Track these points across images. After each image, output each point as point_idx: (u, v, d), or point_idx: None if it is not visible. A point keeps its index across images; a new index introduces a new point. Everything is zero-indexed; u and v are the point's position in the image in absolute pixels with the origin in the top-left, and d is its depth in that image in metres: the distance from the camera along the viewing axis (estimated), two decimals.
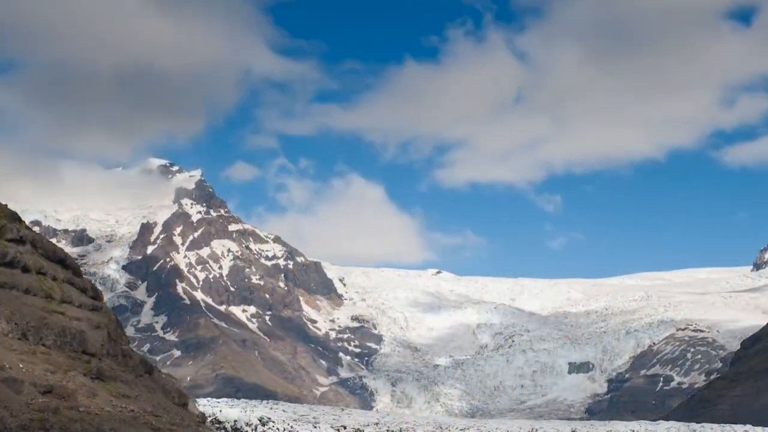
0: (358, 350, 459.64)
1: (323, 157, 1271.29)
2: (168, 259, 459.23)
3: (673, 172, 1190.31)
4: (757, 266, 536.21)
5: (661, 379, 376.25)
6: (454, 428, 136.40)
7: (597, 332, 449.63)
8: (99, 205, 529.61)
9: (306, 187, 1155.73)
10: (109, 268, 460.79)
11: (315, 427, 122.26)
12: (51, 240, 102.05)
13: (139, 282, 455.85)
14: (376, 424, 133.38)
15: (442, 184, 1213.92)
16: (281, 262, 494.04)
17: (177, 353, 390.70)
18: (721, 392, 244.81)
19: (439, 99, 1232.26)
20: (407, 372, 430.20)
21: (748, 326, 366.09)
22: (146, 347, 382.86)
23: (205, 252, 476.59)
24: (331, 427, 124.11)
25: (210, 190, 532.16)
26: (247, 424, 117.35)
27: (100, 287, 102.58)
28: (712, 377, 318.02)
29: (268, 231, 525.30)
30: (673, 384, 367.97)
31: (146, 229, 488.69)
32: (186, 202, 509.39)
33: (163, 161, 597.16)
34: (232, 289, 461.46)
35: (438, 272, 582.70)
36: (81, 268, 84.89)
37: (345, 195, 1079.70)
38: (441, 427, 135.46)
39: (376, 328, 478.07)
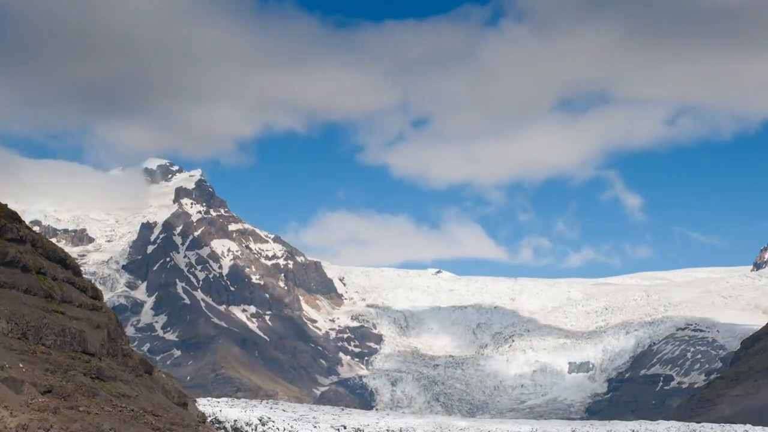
0: (358, 350, 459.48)
1: None
2: (168, 259, 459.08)
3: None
4: (758, 266, 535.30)
5: (661, 378, 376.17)
6: (454, 428, 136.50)
7: (597, 332, 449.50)
8: (99, 205, 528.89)
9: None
10: (109, 268, 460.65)
11: (315, 427, 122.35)
12: (51, 240, 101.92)
13: (139, 282, 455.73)
14: (377, 423, 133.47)
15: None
16: (281, 261, 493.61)
17: (177, 353, 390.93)
18: (721, 392, 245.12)
19: None
20: (407, 372, 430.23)
21: (748, 326, 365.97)
22: (146, 347, 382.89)
23: (205, 252, 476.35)
24: (331, 427, 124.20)
25: (210, 189, 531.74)
26: (247, 424, 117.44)
27: (100, 287, 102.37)
28: (712, 377, 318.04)
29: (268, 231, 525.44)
30: (673, 384, 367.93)
31: (146, 229, 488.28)
32: (186, 201, 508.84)
33: (163, 161, 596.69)
34: (232, 289, 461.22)
35: (438, 272, 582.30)
36: (81, 268, 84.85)
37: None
38: (441, 427, 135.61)
39: (376, 328, 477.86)
